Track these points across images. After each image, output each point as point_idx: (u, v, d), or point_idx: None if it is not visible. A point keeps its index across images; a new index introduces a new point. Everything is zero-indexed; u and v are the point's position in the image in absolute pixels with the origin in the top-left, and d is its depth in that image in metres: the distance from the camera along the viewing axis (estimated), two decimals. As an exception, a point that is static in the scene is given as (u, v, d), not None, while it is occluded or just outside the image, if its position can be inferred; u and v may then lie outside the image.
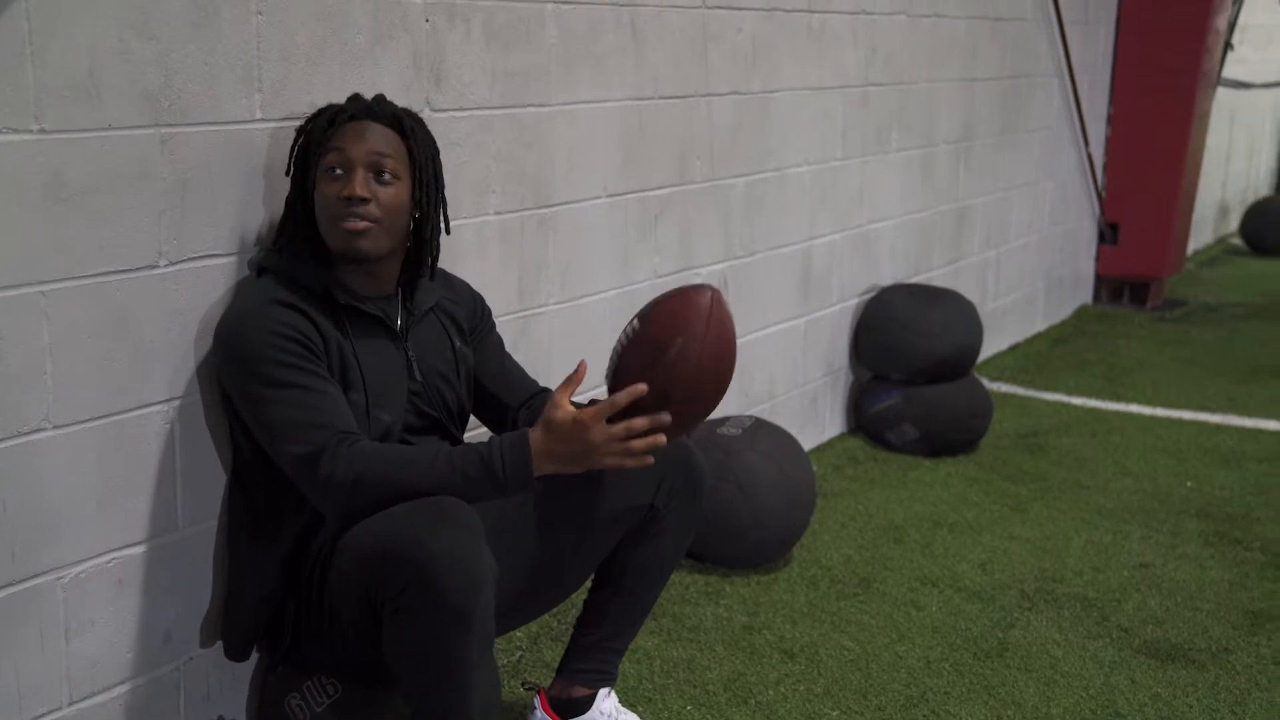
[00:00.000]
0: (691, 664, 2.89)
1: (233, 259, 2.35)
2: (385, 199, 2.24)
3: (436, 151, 2.37)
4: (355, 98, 2.34)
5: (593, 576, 2.52)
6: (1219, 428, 4.76)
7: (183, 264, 2.26)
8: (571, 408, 2.10)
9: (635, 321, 2.18)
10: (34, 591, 2.11)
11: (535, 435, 2.12)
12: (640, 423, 2.08)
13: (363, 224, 2.22)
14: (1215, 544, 3.64)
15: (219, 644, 2.41)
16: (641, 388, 2.08)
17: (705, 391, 2.16)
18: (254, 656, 2.46)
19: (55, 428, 2.10)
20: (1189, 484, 4.14)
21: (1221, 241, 9.29)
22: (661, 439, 2.10)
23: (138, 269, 2.19)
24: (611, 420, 2.09)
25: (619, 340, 2.19)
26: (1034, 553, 3.55)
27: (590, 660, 2.52)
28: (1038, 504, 3.93)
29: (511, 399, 2.54)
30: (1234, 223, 9.47)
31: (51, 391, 2.09)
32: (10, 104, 1.98)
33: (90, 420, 2.15)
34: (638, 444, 2.09)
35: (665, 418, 2.09)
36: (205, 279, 2.30)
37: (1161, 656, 2.97)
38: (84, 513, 2.17)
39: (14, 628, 2.09)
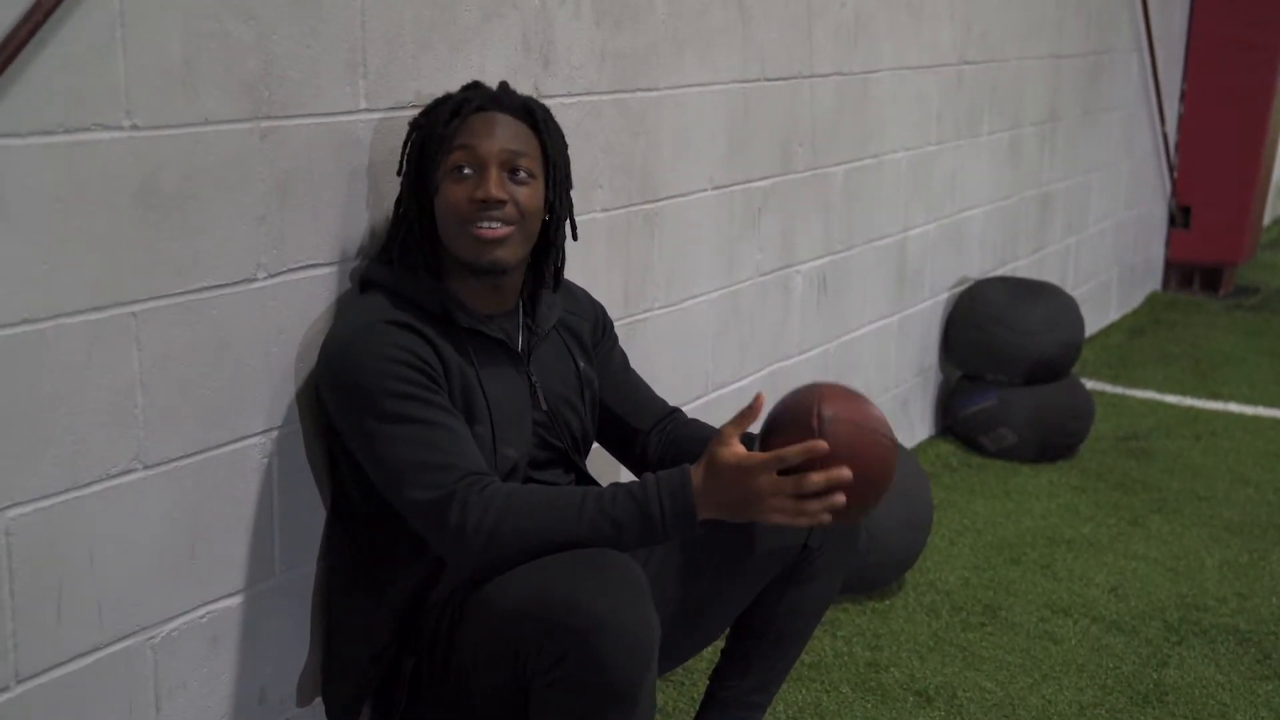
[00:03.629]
0: (820, 709, 2.63)
1: (334, 269, 2.07)
2: (523, 200, 1.96)
3: (566, 145, 2.09)
4: (476, 85, 2.05)
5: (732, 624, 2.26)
6: (1325, 428, 4.50)
7: (283, 276, 1.99)
8: (741, 448, 1.83)
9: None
10: (123, 655, 1.84)
11: (697, 475, 1.85)
12: (816, 478, 1.78)
13: (501, 230, 1.94)
14: (1355, 563, 3.37)
15: (318, 701, 2.14)
16: (822, 445, 1.79)
17: (872, 475, 1.88)
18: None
19: (146, 468, 1.83)
20: (1310, 493, 3.88)
21: None
22: (841, 498, 1.80)
23: (235, 283, 1.92)
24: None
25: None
26: (1167, 575, 3.28)
27: (730, 716, 2.25)
28: (1156, 517, 3.66)
29: (640, 422, 2.26)
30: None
31: (142, 427, 1.81)
32: (99, 97, 1.70)
33: (184, 458, 1.88)
34: (813, 504, 1.80)
35: (845, 473, 1.79)
36: (307, 292, 2.03)
37: (1330, 698, 2.71)
38: (177, 562, 1.90)
39: (101, 698, 1.82)
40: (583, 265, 2.60)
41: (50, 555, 1.72)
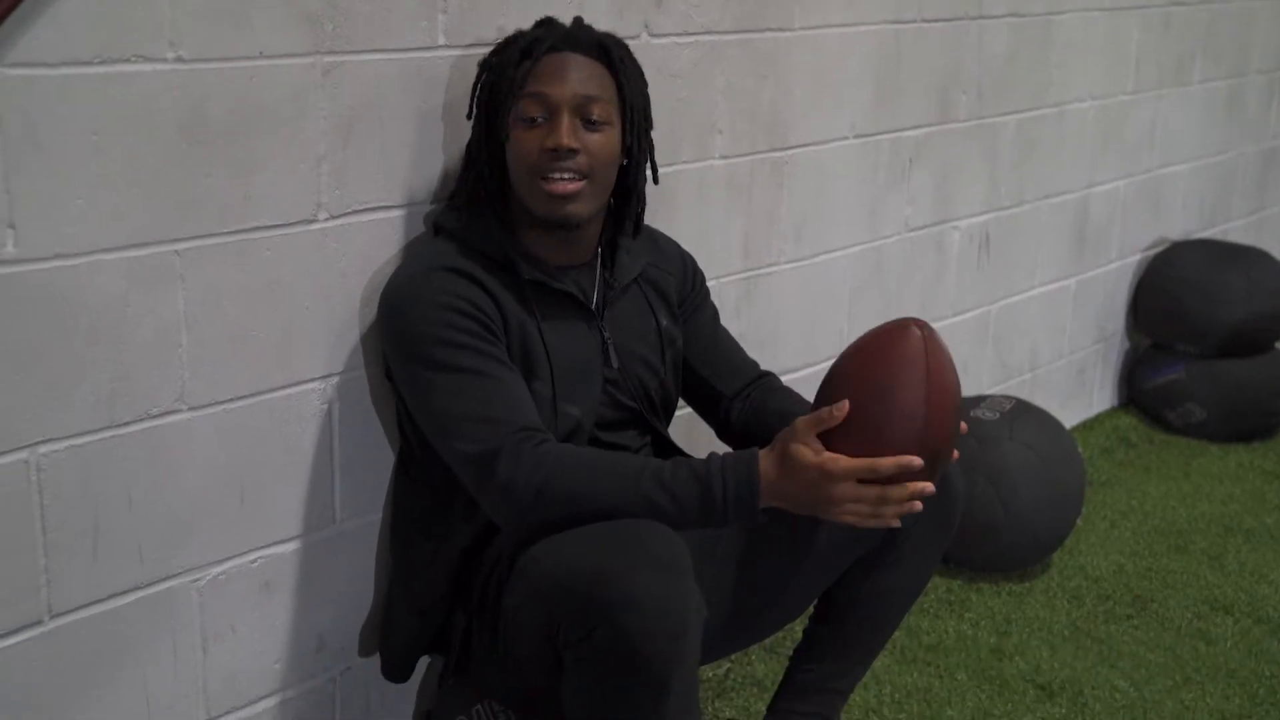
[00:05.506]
0: (929, 694, 2.46)
1: (405, 212, 2.00)
2: (596, 148, 1.85)
3: (646, 84, 1.96)
4: (548, 22, 1.93)
5: (815, 604, 2.12)
6: None
7: (346, 218, 1.92)
8: (819, 448, 1.70)
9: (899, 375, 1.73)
10: (166, 595, 1.83)
11: (766, 463, 1.72)
12: (899, 493, 1.69)
13: (574, 184, 1.83)
14: None
15: (377, 655, 2.10)
16: (917, 462, 1.68)
17: (949, 448, 1.79)
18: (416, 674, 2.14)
19: (191, 409, 1.80)
20: None
21: None
22: (918, 505, 1.71)
23: (292, 224, 1.86)
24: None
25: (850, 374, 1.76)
26: (1353, 577, 2.97)
27: (808, 701, 2.11)
28: (1354, 511, 3.32)
29: (726, 386, 2.13)
30: None
31: (187, 367, 1.78)
32: (141, 27, 1.66)
33: (232, 401, 1.84)
34: (890, 510, 1.71)
35: (929, 488, 1.70)
36: (372, 235, 1.96)
37: None
38: (225, 507, 1.87)
39: (143, 637, 1.82)
40: (697, 215, 2.47)
41: (84, 493, 1.71)
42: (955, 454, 1.81)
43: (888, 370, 1.72)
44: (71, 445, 1.69)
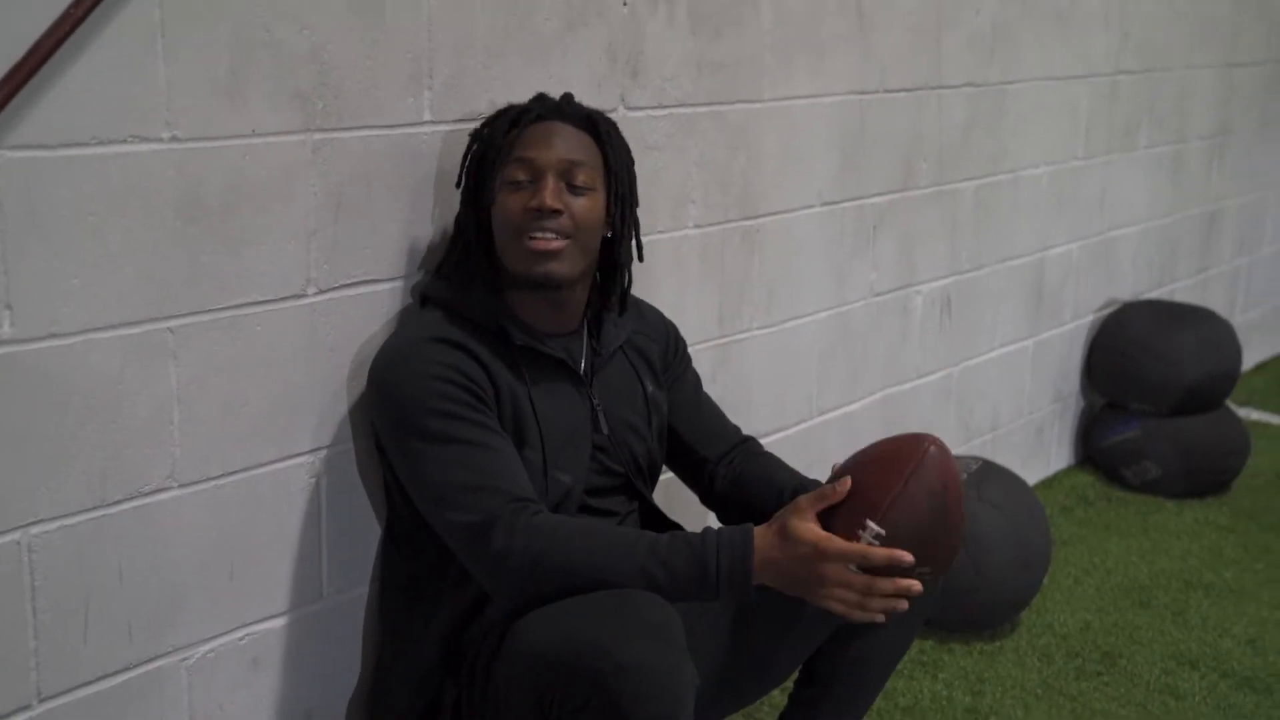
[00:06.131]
0: (908, 758, 2.48)
1: (395, 284, 2.02)
2: (579, 212, 1.88)
3: (632, 160, 2.00)
4: (540, 97, 1.98)
5: (800, 668, 2.13)
6: None
7: (334, 292, 1.94)
8: (817, 526, 1.73)
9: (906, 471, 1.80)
10: (154, 676, 1.82)
11: (762, 539, 1.75)
12: (886, 585, 1.73)
13: (555, 242, 1.86)
14: None
15: (367, 727, 2.09)
16: (908, 558, 1.72)
17: (950, 559, 1.85)
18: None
19: (181, 486, 1.80)
20: None
21: None
22: (903, 605, 1.75)
23: (282, 299, 1.87)
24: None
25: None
26: (1313, 631, 3.03)
27: (797, 765, 2.13)
28: (1310, 565, 3.39)
29: (710, 451, 2.16)
30: None
31: (179, 445, 1.78)
32: (138, 108, 1.67)
33: (223, 476, 1.84)
34: (875, 603, 1.74)
35: (916, 586, 1.74)
36: (361, 309, 1.98)
37: None
38: (214, 583, 1.86)
39: (131, 719, 1.80)
40: (675, 283, 2.50)
41: (76, 573, 1.70)
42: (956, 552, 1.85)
43: (903, 468, 1.77)
44: (64, 525, 1.68)
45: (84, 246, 1.64)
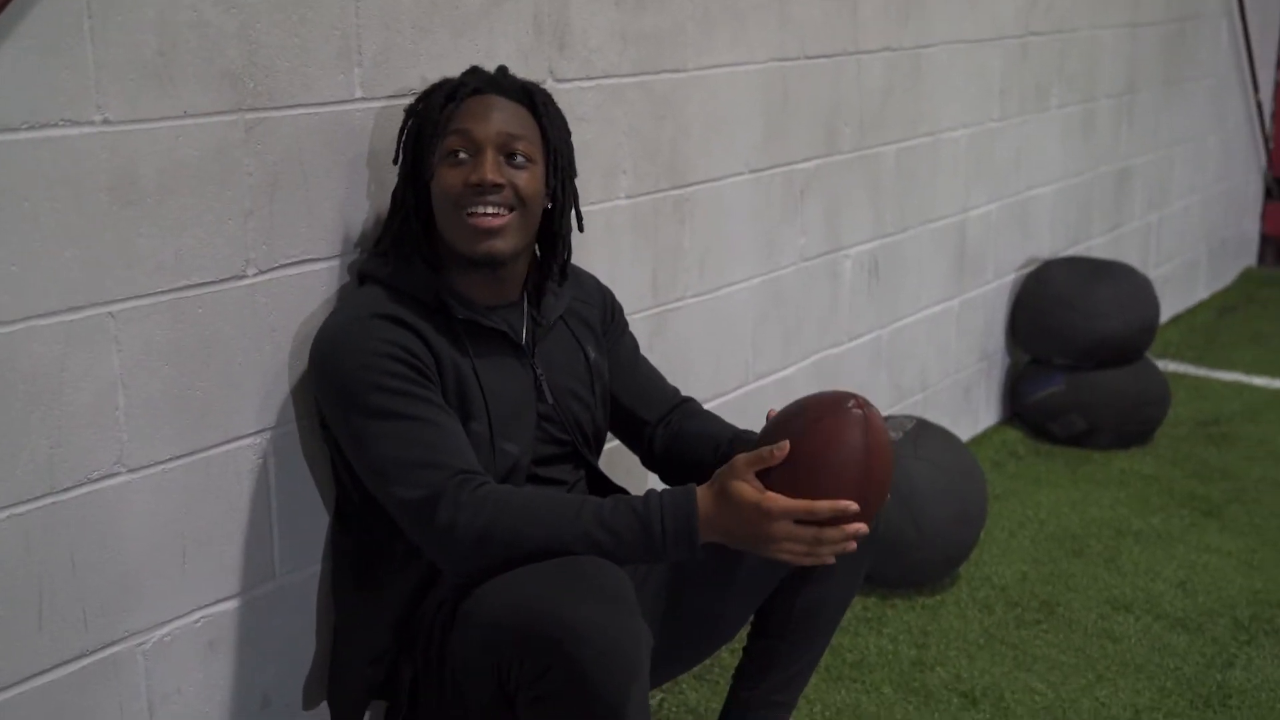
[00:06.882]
0: (858, 710, 2.53)
1: (333, 263, 2.01)
2: (521, 185, 1.89)
3: (569, 132, 2.01)
4: (475, 70, 1.98)
5: (751, 621, 2.17)
6: None
7: (274, 272, 1.93)
8: (759, 486, 1.76)
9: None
10: (111, 661, 1.81)
11: (704, 499, 1.77)
12: (834, 534, 1.77)
13: (498, 219, 1.86)
14: None
15: (324, 705, 2.09)
16: (852, 506, 1.75)
17: (885, 493, 1.87)
18: (365, 722, 2.14)
19: (130, 471, 1.79)
20: (1401, 480, 3.67)
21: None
22: (853, 546, 1.79)
23: (222, 280, 1.86)
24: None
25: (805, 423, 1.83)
26: (1240, 569, 3.12)
27: (754, 717, 2.16)
28: (1234, 507, 3.48)
29: (649, 413, 2.18)
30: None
31: (125, 429, 1.77)
32: (67, 91, 1.65)
33: (171, 460, 1.83)
34: (825, 550, 1.78)
35: (862, 528, 1.77)
36: (301, 288, 1.97)
37: None
38: (167, 567, 1.86)
39: (89, 705, 1.79)
40: (607, 253, 2.52)
41: (27, 561, 1.69)
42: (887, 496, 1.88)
43: (831, 421, 1.79)
44: (12, 514, 1.67)
45: (20, 232, 1.63)
